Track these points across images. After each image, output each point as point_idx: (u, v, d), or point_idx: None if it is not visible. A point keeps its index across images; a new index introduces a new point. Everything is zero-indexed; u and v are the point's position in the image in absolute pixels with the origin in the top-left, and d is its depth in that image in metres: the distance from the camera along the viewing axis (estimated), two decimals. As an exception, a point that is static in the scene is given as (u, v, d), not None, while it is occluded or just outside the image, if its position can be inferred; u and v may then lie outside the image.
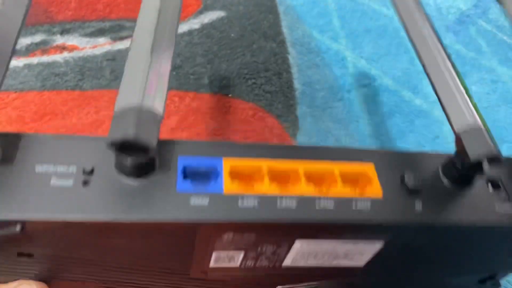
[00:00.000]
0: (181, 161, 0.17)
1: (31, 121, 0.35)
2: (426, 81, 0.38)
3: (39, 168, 0.16)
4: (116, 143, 0.14)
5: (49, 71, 0.39)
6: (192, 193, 0.16)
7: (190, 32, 0.43)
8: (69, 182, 0.16)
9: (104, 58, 0.40)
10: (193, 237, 0.17)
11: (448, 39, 0.43)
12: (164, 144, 0.17)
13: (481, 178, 0.18)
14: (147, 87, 0.16)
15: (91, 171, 0.16)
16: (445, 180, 0.18)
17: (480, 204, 0.18)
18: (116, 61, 0.39)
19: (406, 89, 0.38)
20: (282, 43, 0.42)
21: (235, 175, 0.17)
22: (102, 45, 0.41)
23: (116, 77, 0.38)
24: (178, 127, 0.36)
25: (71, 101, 0.37)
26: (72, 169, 0.16)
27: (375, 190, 0.17)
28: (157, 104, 0.16)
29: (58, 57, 0.40)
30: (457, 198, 0.18)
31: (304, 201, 0.17)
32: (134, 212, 0.15)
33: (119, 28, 0.42)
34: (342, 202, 0.17)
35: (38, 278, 0.20)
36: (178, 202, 0.16)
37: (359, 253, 0.19)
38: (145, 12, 0.19)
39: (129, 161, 0.16)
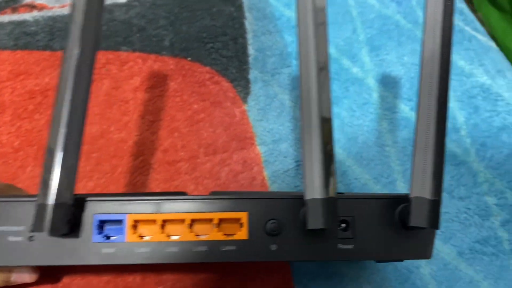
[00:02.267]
0: (96, 218, 0.23)
1: (6, 80, 0.39)
2: (364, 50, 0.43)
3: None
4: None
5: (20, 30, 0.41)
6: (103, 242, 0.23)
7: (153, -6, 0.46)
8: (19, 238, 0.22)
9: (72, 19, 0.42)
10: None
11: (391, 9, 0.47)
12: (83, 204, 0.23)
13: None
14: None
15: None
16: (302, 226, 0.23)
17: (328, 245, 0.23)
18: (84, 22, 0.42)
19: (346, 58, 0.43)
20: (240, 7, 0.46)
21: (136, 227, 0.23)
22: (70, 5, 0.43)
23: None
24: (140, 87, 0.40)
25: (43, 61, 0.40)
26: (22, 228, 0.22)
27: (243, 234, 0.23)
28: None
29: (28, 15, 0.43)
30: (309, 240, 0.23)
31: (184, 246, 0.23)
32: (65, 259, 0.22)
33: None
34: (214, 245, 0.23)
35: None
36: (93, 250, 0.23)
37: None
38: None
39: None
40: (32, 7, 0.43)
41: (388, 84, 0.42)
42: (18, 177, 0.35)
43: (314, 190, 0.21)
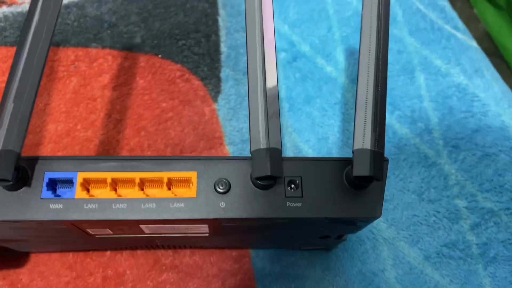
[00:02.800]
0: (47, 175, 0.23)
1: (-27, 76, 0.38)
2: (339, 49, 0.43)
3: None
4: None
5: (-12, 26, 0.41)
6: (52, 198, 0.22)
7: (126, -11, 0.45)
8: None
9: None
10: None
11: (369, 7, 0.46)
12: (35, 162, 0.23)
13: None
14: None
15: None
16: (251, 185, 0.23)
17: (276, 202, 0.23)
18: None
19: (320, 56, 0.42)
20: (214, 3, 0.45)
21: (86, 185, 0.23)
22: (40, 0, 0.43)
23: (54, 34, 0.41)
24: (109, 84, 0.40)
25: (11, 57, 0.40)
26: None
27: (191, 193, 0.23)
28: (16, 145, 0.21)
29: (-3, 11, 0.42)
30: (257, 198, 0.23)
31: (133, 203, 0.23)
32: (12, 213, 0.22)
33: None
34: (162, 203, 0.23)
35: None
36: (42, 206, 0.22)
37: (196, 228, 0.25)
38: None
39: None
40: (1, 2, 0.42)
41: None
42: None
43: (259, 142, 0.22)
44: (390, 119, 0.39)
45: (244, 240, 0.32)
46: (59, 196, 0.23)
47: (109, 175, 0.23)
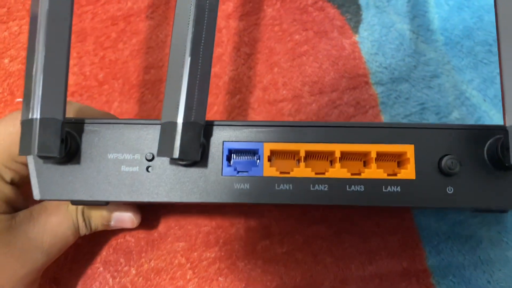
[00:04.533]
0: (226, 147, 0.18)
1: (86, 4, 0.35)
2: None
3: (111, 156, 0.19)
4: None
5: None
6: (235, 176, 0.18)
7: None
8: (135, 168, 0.19)
9: None
10: None
11: None
12: (211, 130, 0.19)
13: None
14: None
15: (152, 159, 0.19)
16: (487, 164, 0.18)
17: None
18: None
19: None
20: None
21: (274, 159, 0.19)
22: None
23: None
24: (234, 14, 0.35)
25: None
26: (137, 156, 0.19)
27: (409, 173, 0.18)
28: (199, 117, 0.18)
29: None
30: (496, 183, 0.18)
31: (336, 184, 0.18)
32: (187, 195, 0.18)
33: None
34: (372, 185, 0.18)
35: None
36: (223, 186, 0.18)
37: None
38: None
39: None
40: None
41: None
42: (105, 114, 0.32)
43: None
44: None
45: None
46: (245, 172, 0.18)
47: (302, 147, 0.18)
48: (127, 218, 0.26)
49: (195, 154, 0.17)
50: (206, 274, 0.28)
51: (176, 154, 0.16)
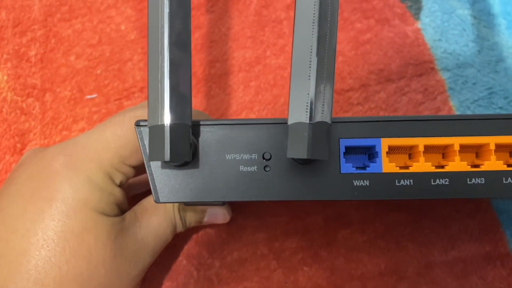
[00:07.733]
0: (343, 144, 0.19)
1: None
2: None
3: (229, 157, 0.19)
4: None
5: None
6: (354, 173, 0.18)
7: None
8: (253, 168, 0.19)
9: None
10: None
11: None
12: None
13: None
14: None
15: (270, 158, 0.19)
16: None
17: None
18: None
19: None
20: None
21: (393, 155, 0.19)
22: None
23: None
24: (293, 4, 0.34)
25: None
26: (255, 156, 0.19)
27: None
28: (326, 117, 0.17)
29: None
30: None
31: (457, 178, 0.18)
32: (307, 194, 0.19)
33: None
34: (494, 178, 0.18)
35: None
36: (342, 183, 0.18)
37: None
38: None
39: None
40: None
41: None
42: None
43: None
44: None
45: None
46: (364, 169, 0.19)
47: (420, 141, 0.18)
48: (221, 214, 0.26)
49: (323, 153, 0.17)
50: (290, 264, 0.28)
51: (307, 154, 0.16)
